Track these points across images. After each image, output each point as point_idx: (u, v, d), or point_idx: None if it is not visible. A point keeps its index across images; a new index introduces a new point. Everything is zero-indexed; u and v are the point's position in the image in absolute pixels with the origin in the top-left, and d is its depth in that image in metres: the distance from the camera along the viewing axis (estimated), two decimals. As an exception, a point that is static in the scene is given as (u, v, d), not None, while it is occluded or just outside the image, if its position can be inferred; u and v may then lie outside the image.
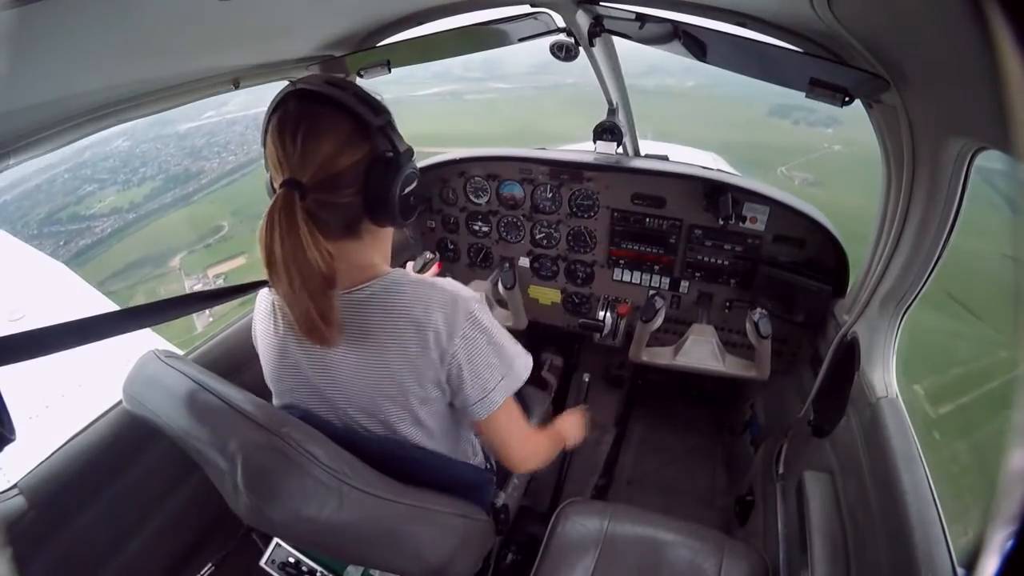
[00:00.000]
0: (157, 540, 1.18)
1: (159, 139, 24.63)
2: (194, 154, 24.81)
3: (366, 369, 0.85)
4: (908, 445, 1.00)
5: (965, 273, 6.68)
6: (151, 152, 24.07)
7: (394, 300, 0.84)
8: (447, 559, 0.97)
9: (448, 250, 2.17)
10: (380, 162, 0.80)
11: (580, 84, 29.06)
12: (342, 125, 0.78)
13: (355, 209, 0.82)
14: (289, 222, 0.72)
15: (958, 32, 0.64)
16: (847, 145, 24.51)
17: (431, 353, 0.83)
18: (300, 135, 0.76)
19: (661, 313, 1.72)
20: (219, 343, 1.35)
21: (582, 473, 2.12)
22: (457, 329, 0.84)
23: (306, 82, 0.80)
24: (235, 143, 25.09)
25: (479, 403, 0.89)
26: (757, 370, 1.65)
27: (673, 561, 1.24)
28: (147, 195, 22.00)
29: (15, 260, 4.03)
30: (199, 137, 25.41)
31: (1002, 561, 0.29)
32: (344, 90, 0.78)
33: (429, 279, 0.88)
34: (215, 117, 25.62)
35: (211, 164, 24.15)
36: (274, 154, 0.78)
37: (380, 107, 0.81)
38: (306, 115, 0.77)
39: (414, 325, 0.83)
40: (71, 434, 1.07)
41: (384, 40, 1.50)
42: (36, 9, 0.57)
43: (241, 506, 0.75)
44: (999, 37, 0.29)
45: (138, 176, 22.84)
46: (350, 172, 0.79)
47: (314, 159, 0.76)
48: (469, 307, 0.86)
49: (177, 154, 24.71)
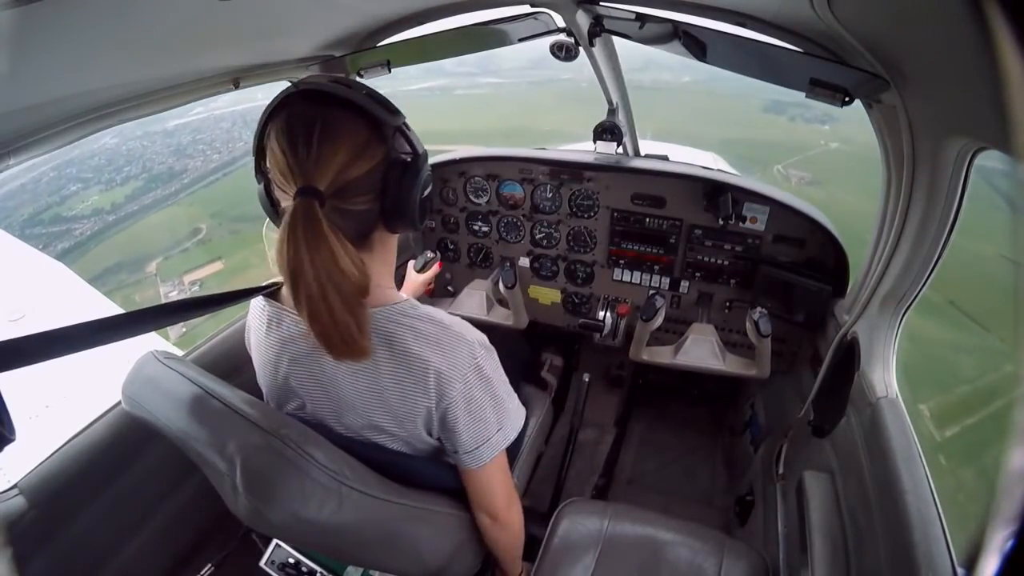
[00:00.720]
0: (157, 540, 1.18)
1: (147, 136, 24.17)
2: (179, 152, 24.34)
3: (364, 394, 0.84)
4: (908, 445, 1.00)
5: (969, 280, 6.49)
6: (137, 150, 23.56)
7: (400, 334, 0.81)
8: (446, 559, 0.97)
9: (448, 250, 2.17)
10: (399, 166, 0.76)
11: (576, 79, 28.91)
12: (358, 127, 0.73)
13: (371, 216, 0.78)
14: (315, 234, 0.67)
15: (958, 32, 0.64)
16: (845, 143, 24.30)
17: (429, 394, 0.81)
18: (315, 139, 0.70)
19: (661, 312, 1.71)
20: (218, 344, 1.35)
21: (582, 473, 2.12)
22: (458, 374, 0.81)
23: (311, 82, 0.75)
24: (221, 140, 24.63)
25: (470, 454, 0.87)
26: (757, 369, 1.65)
27: (673, 561, 1.24)
28: (129, 195, 21.55)
29: (15, 260, 4.03)
30: (186, 134, 24.95)
31: (1002, 561, 0.29)
32: (356, 90, 0.74)
33: (438, 315, 0.85)
34: (203, 113, 25.18)
35: (195, 163, 23.72)
36: (282, 161, 0.72)
37: (394, 108, 0.77)
38: (319, 118, 0.71)
39: (415, 363, 0.80)
40: (71, 434, 1.07)
41: (384, 40, 1.50)
42: (36, 9, 0.57)
43: (240, 507, 0.75)
44: (999, 37, 0.29)
45: (122, 175, 22.33)
46: (367, 177, 0.74)
47: (331, 165, 0.71)
48: (474, 353, 0.83)
49: (163, 152, 24.22)
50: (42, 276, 3.87)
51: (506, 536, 1.03)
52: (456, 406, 0.83)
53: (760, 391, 2.01)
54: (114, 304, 3.81)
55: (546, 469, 2.03)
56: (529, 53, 36.08)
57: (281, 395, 0.92)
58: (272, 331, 0.88)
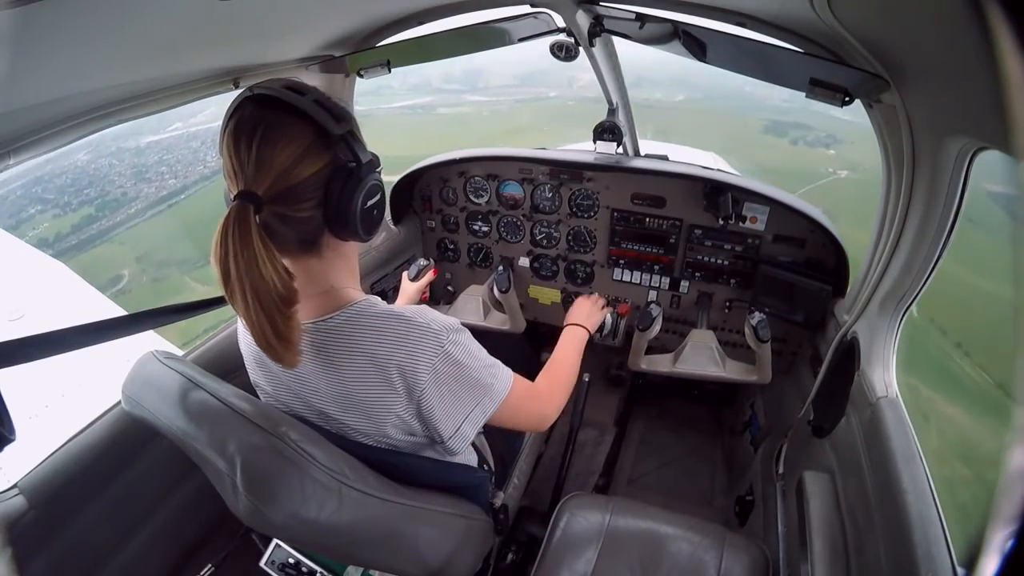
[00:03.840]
0: (157, 540, 1.18)
1: (119, 153, 23.03)
2: (140, 174, 23.15)
3: (341, 395, 0.83)
4: (908, 445, 1.00)
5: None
6: (103, 169, 22.48)
7: (356, 335, 0.80)
8: (446, 559, 0.97)
9: (448, 250, 2.17)
10: (342, 173, 0.76)
11: (563, 97, 28.22)
12: (301, 133, 0.73)
13: (315, 223, 0.78)
14: (242, 237, 0.68)
15: (958, 32, 0.64)
16: (855, 170, 23.10)
17: (398, 390, 0.81)
18: (256, 143, 0.71)
19: (658, 321, 1.71)
20: (217, 344, 1.35)
21: (582, 473, 2.12)
22: (424, 366, 0.80)
23: (264, 87, 0.74)
24: (185, 162, 23.38)
25: (453, 438, 0.86)
26: (758, 374, 1.65)
27: (675, 554, 1.24)
28: (76, 224, 20.31)
29: (14, 260, 4.03)
30: (154, 153, 23.83)
31: (1002, 561, 0.29)
32: (303, 95, 0.74)
33: (398, 309, 0.84)
34: (181, 129, 24.30)
35: (150, 188, 22.57)
36: (228, 164, 0.73)
37: (342, 114, 0.76)
38: (262, 122, 0.71)
39: (375, 363, 0.79)
40: (71, 434, 1.07)
41: (384, 40, 1.50)
42: (36, 9, 0.57)
43: (240, 507, 0.75)
44: (999, 37, 0.29)
45: (79, 199, 21.13)
46: (310, 183, 0.74)
47: (270, 169, 0.71)
48: (440, 341, 0.82)
49: (126, 172, 23.06)
50: (42, 276, 3.87)
51: (562, 405, 1.14)
52: (428, 397, 0.82)
53: (760, 391, 2.01)
54: (113, 303, 3.82)
55: (546, 469, 2.03)
56: (518, 69, 35.03)
57: (271, 392, 0.92)
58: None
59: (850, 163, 23.74)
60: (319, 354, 0.81)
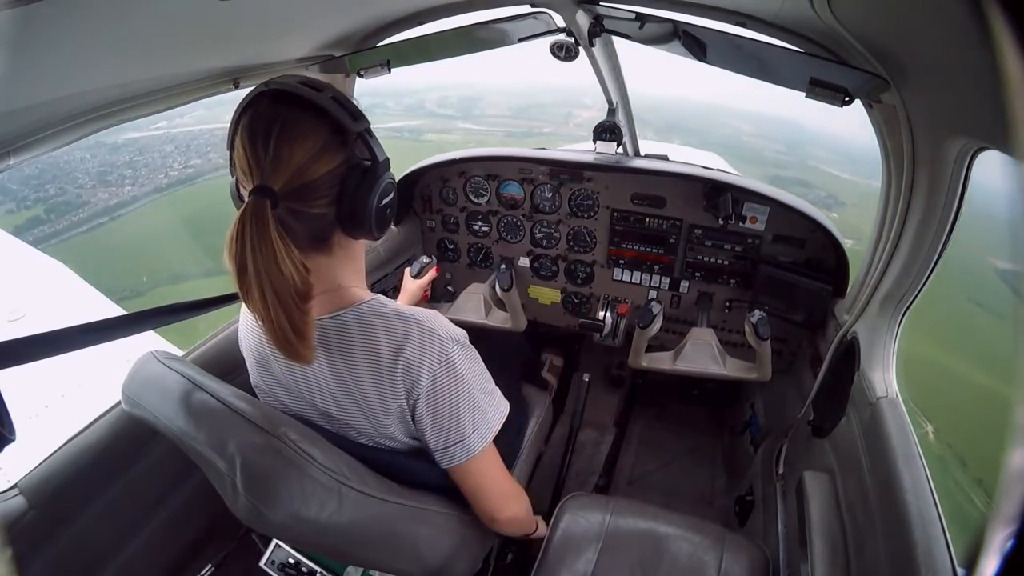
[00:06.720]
0: (157, 540, 1.18)
1: (96, 146, 22.06)
2: (103, 175, 22.05)
3: (344, 393, 0.83)
4: (908, 445, 1.00)
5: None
6: (72, 164, 21.45)
7: (364, 333, 0.80)
8: (446, 559, 0.97)
9: (448, 250, 2.17)
10: (357, 171, 0.76)
11: (558, 134, 27.14)
12: (319, 130, 0.73)
13: (328, 220, 0.78)
14: (260, 232, 0.68)
15: (958, 32, 0.64)
16: (860, 240, 21.97)
17: (398, 390, 0.80)
18: (273, 139, 0.71)
19: (658, 319, 1.71)
20: (217, 344, 1.35)
21: (582, 473, 2.12)
22: (426, 368, 0.80)
23: (280, 82, 0.75)
24: (151, 167, 22.39)
25: (442, 452, 0.85)
26: (758, 372, 1.65)
27: (675, 554, 1.24)
28: (19, 226, 18.87)
29: (14, 259, 4.03)
30: (127, 153, 22.86)
31: (1002, 561, 0.29)
32: (321, 92, 0.74)
33: (407, 310, 0.83)
34: (164, 129, 23.55)
35: (104, 194, 21.33)
36: (243, 159, 0.73)
37: (359, 112, 0.77)
38: (280, 118, 0.72)
39: (381, 362, 0.79)
40: (71, 434, 1.07)
41: (384, 40, 1.50)
42: (36, 9, 0.57)
43: (240, 507, 0.75)
44: (999, 37, 0.29)
45: (35, 196, 19.99)
46: (325, 181, 0.74)
47: (288, 166, 0.71)
48: (446, 348, 0.81)
49: (90, 171, 21.97)
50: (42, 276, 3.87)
51: (510, 531, 1.02)
52: (424, 401, 0.81)
53: (760, 391, 2.01)
54: (113, 303, 3.82)
55: (546, 469, 2.02)
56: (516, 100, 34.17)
57: (272, 393, 0.92)
58: (255, 331, 0.89)
59: (855, 232, 22.48)
60: (325, 351, 0.81)
